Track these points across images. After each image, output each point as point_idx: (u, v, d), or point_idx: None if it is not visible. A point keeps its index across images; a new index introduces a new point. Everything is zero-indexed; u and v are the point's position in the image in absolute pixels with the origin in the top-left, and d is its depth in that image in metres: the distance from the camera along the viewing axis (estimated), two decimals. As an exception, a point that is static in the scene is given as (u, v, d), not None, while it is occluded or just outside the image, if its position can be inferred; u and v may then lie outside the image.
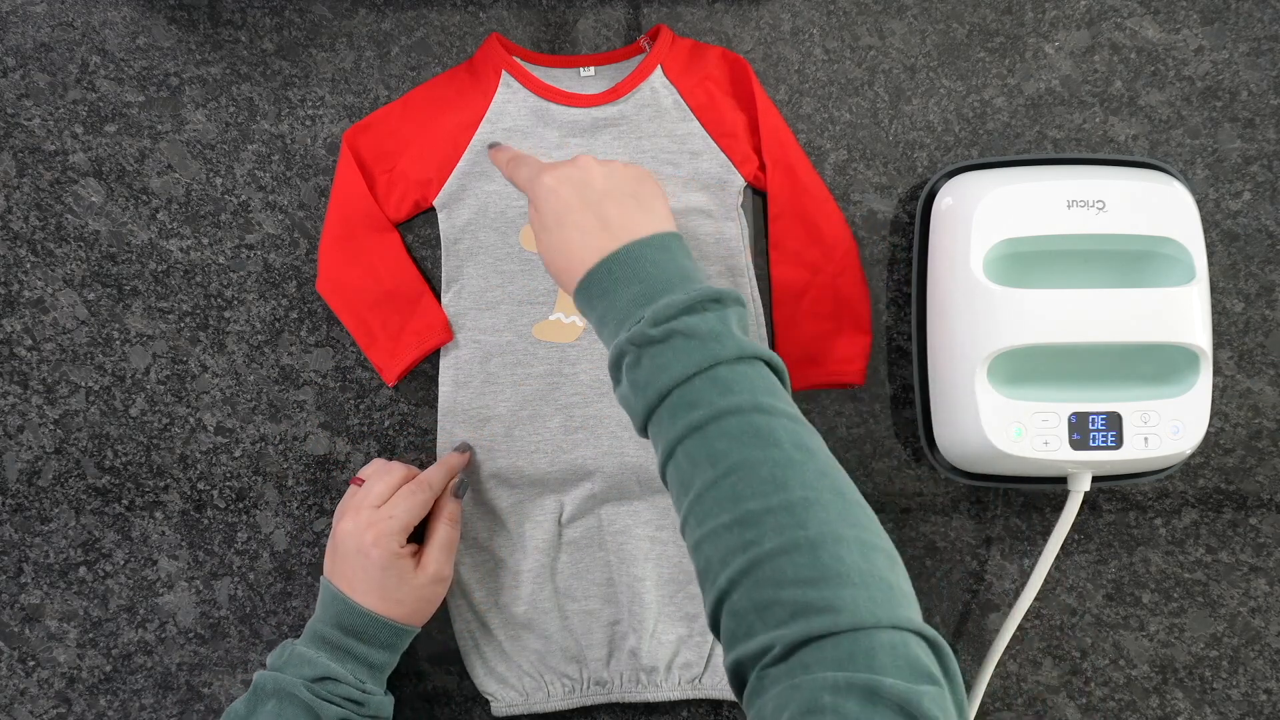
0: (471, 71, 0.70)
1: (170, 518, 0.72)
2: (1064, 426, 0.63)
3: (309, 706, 0.60)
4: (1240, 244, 0.70)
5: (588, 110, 0.69)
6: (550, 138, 0.69)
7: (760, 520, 0.47)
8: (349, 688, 0.61)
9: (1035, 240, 0.63)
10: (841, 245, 0.69)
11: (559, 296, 0.69)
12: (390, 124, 0.70)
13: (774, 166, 0.69)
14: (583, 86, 0.70)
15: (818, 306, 0.69)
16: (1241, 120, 0.70)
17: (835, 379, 0.69)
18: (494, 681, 0.69)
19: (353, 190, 0.69)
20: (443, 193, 0.69)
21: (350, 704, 0.61)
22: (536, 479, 0.69)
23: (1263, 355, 0.71)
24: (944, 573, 0.72)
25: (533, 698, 0.69)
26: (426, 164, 0.69)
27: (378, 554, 0.62)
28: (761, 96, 0.69)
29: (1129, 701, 0.72)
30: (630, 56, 0.70)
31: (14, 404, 0.72)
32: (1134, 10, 0.70)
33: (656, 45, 0.69)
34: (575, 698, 0.69)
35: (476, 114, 0.69)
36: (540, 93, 0.69)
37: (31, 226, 0.71)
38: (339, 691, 0.61)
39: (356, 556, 0.62)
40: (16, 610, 0.72)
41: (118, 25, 0.71)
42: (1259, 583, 0.71)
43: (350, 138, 0.70)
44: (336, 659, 0.62)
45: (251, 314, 0.71)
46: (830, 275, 0.69)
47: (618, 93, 0.69)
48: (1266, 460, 0.71)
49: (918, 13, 0.70)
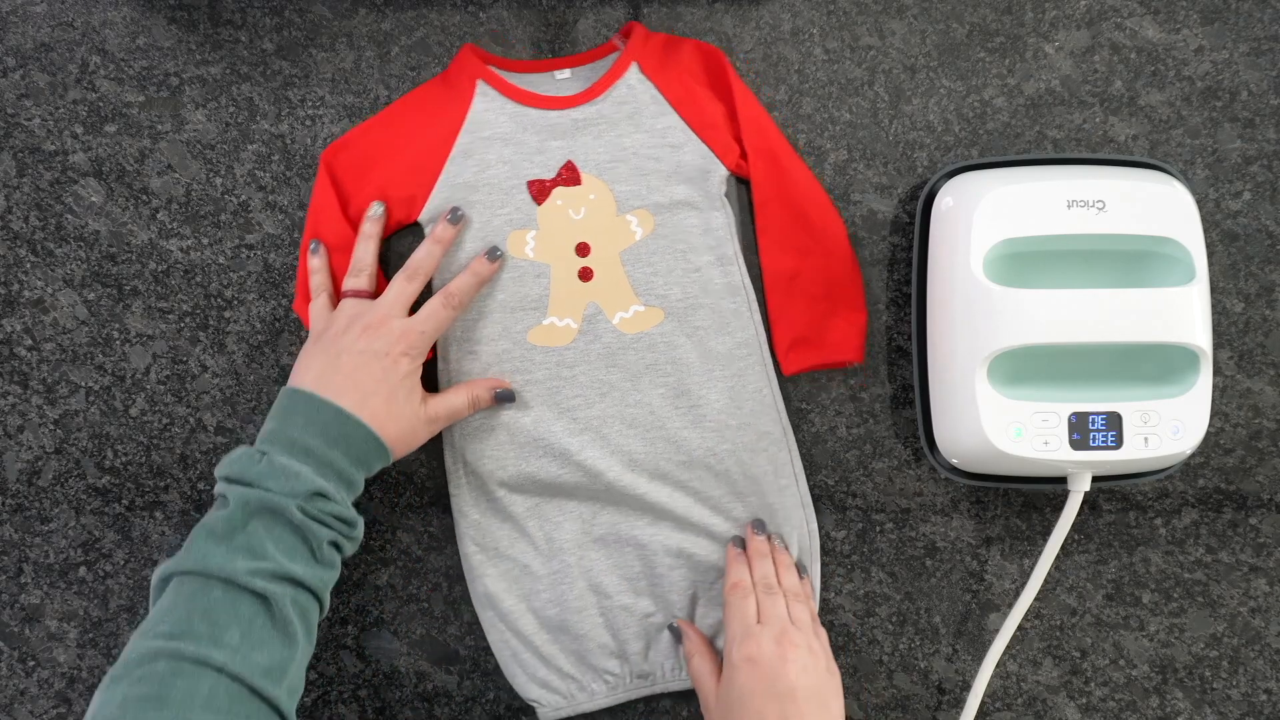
0: (446, 83, 0.70)
1: (170, 518, 0.72)
2: (1064, 426, 0.63)
3: (299, 528, 0.55)
4: (1240, 244, 0.70)
5: (566, 112, 0.69)
6: (530, 142, 0.69)
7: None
8: (337, 505, 0.57)
9: (1035, 240, 0.63)
10: (829, 225, 0.69)
11: (551, 300, 0.69)
12: (368, 141, 0.70)
13: (755, 154, 0.69)
14: (559, 89, 0.70)
15: (811, 289, 0.69)
16: (1241, 120, 0.70)
17: (834, 359, 0.69)
18: (536, 687, 0.69)
19: (327, 213, 0.69)
20: (427, 209, 0.69)
21: (339, 523, 0.58)
22: (549, 484, 0.69)
23: (1263, 355, 0.71)
24: (944, 573, 0.72)
25: (576, 699, 0.69)
26: (408, 180, 0.69)
27: (406, 363, 0.62)
28: (738, 85, 0.69)
29: (1129, 701, 0.72)
30: (604, 55, 0.70)
31: (14, 404, 0.72)
32: (1134, 10, 0.70)
33: (630, 42, 0.69)
34: (619, 693, 0.70)
35: (454, 125, 0.69)
36: (517, 98, 0.69)
37: (31, 226, 0.71)
38: (328, 509, 0.57)
39: (380, 360, 0.61)
40: (16, 610, 0.72)
41: (118, 25, 0.71)
42: (1259, 583, 0.71)
43: (328, 157, 0.69)
44: (321, 473, 0.57)
45: (251, 314, 0.71)
46: (820, 257, 0.69)
47: (594, 92, 0.69)
48: (1266, 460, 0.71)
49: (918, 13, 0.70)
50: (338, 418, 0.59)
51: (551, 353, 0.69)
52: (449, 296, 0.65)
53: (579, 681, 0.69)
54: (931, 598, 0.72)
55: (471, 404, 0.67)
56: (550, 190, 0.69)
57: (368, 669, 0.72)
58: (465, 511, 0.70)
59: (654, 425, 0.68)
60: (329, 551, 0.57)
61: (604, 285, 0.69)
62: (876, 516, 0.71)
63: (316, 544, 0.56)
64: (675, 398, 0.69)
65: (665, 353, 0.69)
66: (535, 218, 0.69)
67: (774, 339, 0.70)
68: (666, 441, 0.68)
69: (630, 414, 0.69)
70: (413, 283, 0.65)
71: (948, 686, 0.72)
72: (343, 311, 0.64)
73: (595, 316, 0.69)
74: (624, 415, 0.69)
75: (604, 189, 0.69)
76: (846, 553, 0.71)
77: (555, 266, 0.69)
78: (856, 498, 0.71)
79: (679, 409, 0.69)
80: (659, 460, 0.69)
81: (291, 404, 0.60)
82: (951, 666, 0.72)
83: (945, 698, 0.72)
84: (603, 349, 0.69)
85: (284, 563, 0.55)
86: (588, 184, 0.69)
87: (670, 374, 0.69)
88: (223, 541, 0.55)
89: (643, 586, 0.70)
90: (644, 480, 0.69)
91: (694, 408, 0.69)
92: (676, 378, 0.69)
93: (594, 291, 0.69)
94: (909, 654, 0.72)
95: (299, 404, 0.59)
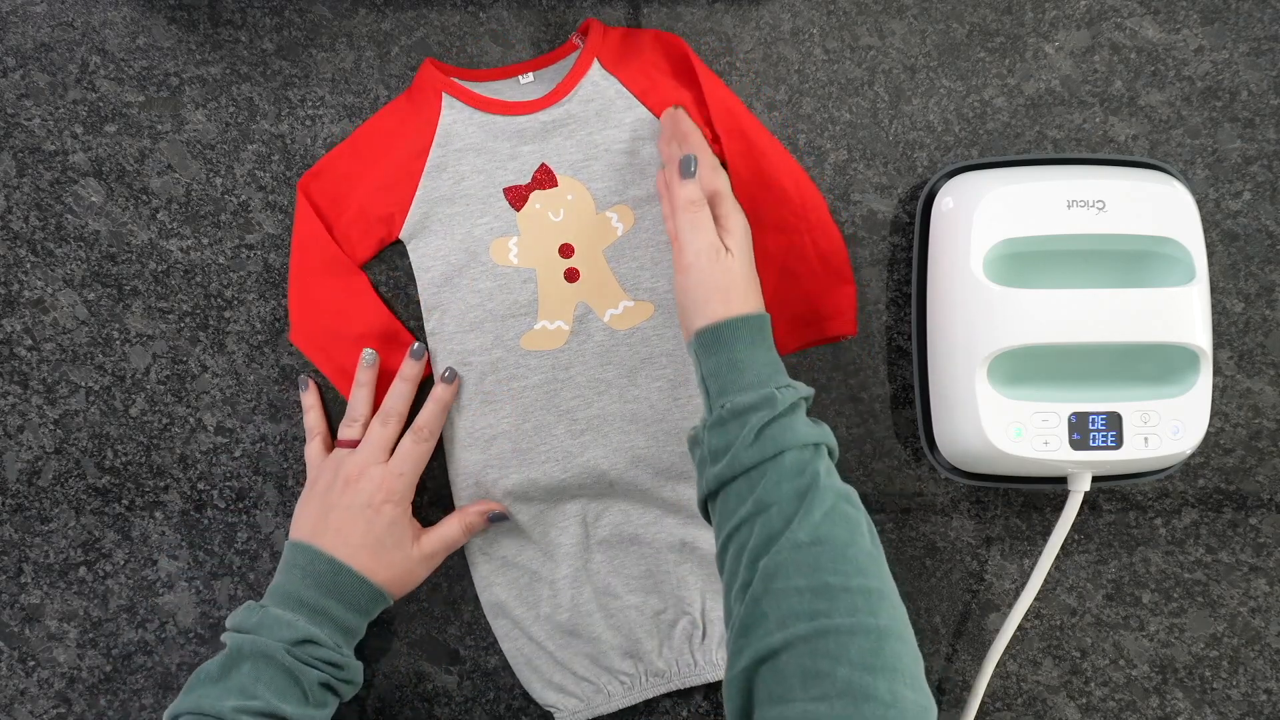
0: (411, 100, 0.70)
1: (170, 518, 0.72)
2: (1064, 426, 0.63)
3: (289, 670, 0.59)
4: (1240, 244, 0.70)
5: (534, 116, 0.69)
6: (502, 149, 0.69)
7: (836, 596, 0.48)
8: (328, 650, 0.61)
9: (1035, 240, 0.63)
10: (809, 200, 0.69)
11: (541, 304, 0.69)
12: (341, 166, 0.70)
13: (727, 135, 0.69)
14: (524, 94, 0.70)
15: (798, 265, 0.69)
16: (1241, 120, 0.70)
17: (828, 333, 0.69)
18: (553, 692, 0.69)
19: (312, 238, 0.69)
20: (406, 225, 0.69)
21: (330, 667, 0.61)
22: (553, 488, 0.69)
23: (1263, 355, 0.71)
24: (944, 573, 0.72)
25: (593, 701, 0.69)
26: (384, 200, 0.69)
27: (390, 510, 0.64)
28: (703, 70, 0.69)
29: (1129, 701, 0.72)
30: (565, 55, 0.70)
31: (14, 404, 0.72)
32: (1134, 10, 0.70)
33: (589, 40, 0.69)
34: (635, 693, 0.70)
35: (425, 140, 0.69)
36: (484, 107, 0.69)
37: (31, 226, 0.71)
38: (319, 655, 0.60)
39: (363, 512, 0.63)
40: (16, 610, 0.72)
41: (118, 25, 0.71)
42: (1259, 583, 0.71)
43: (304, 185, 0.69)
44: (314, 622, 0.61)
45: (251, 314, 0.71)
46: (804, 233, 0.69)
47: (560, 93, 0.69)
48: (1266, 460, 0.71)
49: (918, 13, 0.70)
50: (330, 568, 0.62)
51: (546, 356, 0.69)
52: (418, 432, 0.67)
53: (595, 684, 0.69)
54: (931, 598, 0.72)
55: (466, 531, 0.68)
56: (527, 195, 0.69)
57: (367, 669, 0.72)
58: None
59: (654, 419, 0.69)
60: (320, 693, 0.61)
61: (591, 284, 0.69)
62: (876, 516, 0.71)
63: (308, 685, 0.60)
64: (673, 390, 0.69)
65: (659, 346, 0.69)
66: (515, 224, 0.69)
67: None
68: (669, 434, 0.68)
69: (630, 410, 0.69)
70: (387, 427, 0.67)
71: (948, 686, 0.72)
72: (328, 465, 0.67)
73: (586, 316, 0.69)
74: (624, 412, 0.69)
75: (581, 188, 0.69)
76: (846, 553, 0.71)
77: (541, 270, 0.69)
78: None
79: (678, 401, 0.69)
80: (661, 453, 0.69)
81: (292, 557, 0.64)
82: (951, 666, 0.72)
83: (945, 698, 0.72)
84: (596, 348, 0.69)
85: (274, 702, 0.58)
86: (564, 185, 0.69)
87: (666, 366, 0.69)
88: (217, 683, 0.59)
89: (650, 584, 0.70)
90: (648, 476, 0.69)
91: (693, 398, 0.69)
92: (672, 370, 0.69)
93: (582, 291, 0.69)
94: (909, 654, 0.72)
95: (298, 557, 0.63)
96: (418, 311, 0.70)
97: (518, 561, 0.70)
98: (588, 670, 0.69)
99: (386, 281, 0.71)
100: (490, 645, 0.72)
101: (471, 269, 0.69)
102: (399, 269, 0.71)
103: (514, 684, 0.72)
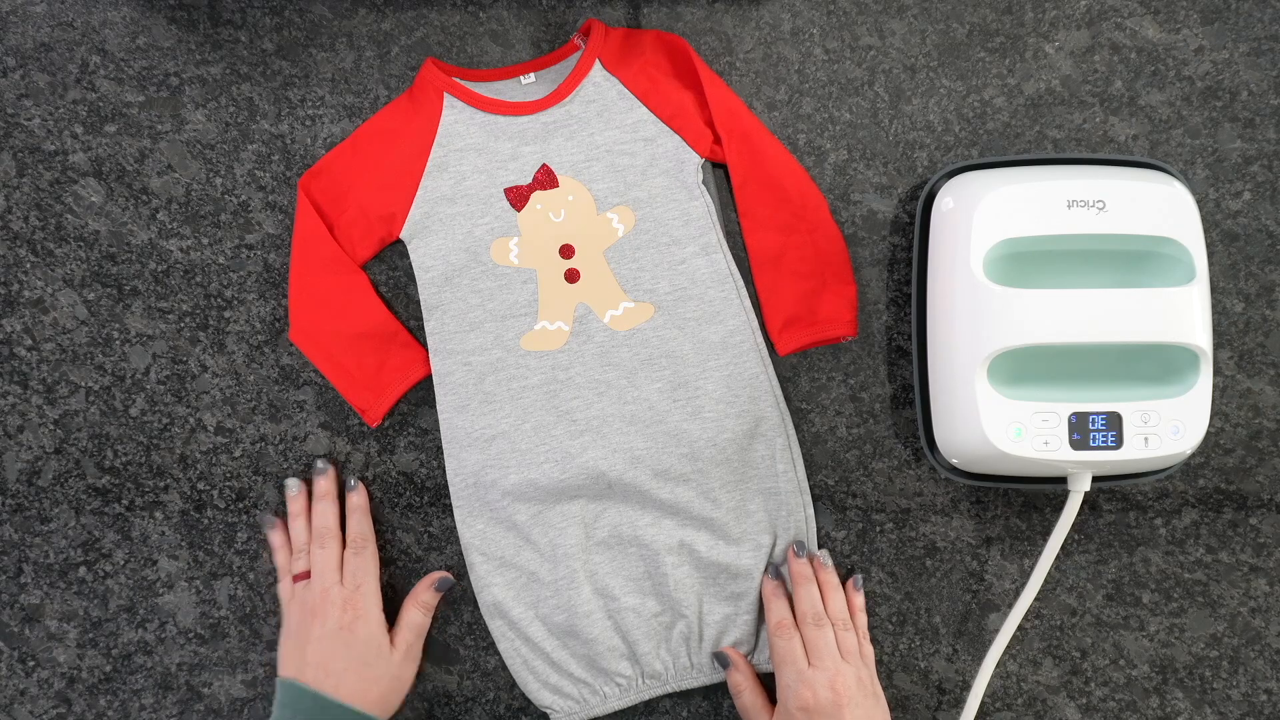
0: (413, 100, 0.70)
1: (170, 518, 0.72)
2: (1064, 426, 0.63)
3: None
4: (1240, 244, 0.70)
5: (535, 116, 0.69)
6: (503, 149, 0.69)
7: None
8: None
9: (1035, 240, 0.63)
10: (810, 200, 0.69)
11: (540, 304, 0.69)
12: (342, 165, 0.70)
13: (729, 137, 0.69)
14: (525, 94, 0.70)
15: (798, 266, 0.69)
16: (1241, 120, 0.70)
17: (828, 334, 0.69)
18: (549, 693, 0.69)
19: (313, 236, 0.69)
20: (408, 225, 0.69)
21: None
22: (552, 489, 0.69)
23: (1263, 355, 0.71)
24: (944, 573, 0.72)
25: (589, 703, 0.69)
26: (385, 199, 0.69)
27: (362, 626, 0.66)
28: (704, 71, 0.69)
29: (1129, 701, 0.72)
30: (566, 56, 0.70)
31: (14, 404, 0.72)
32: (1134, 10, 0.70)
33: (591, 40, 0.69)
34: (631, 695, 0.70)
35: (426, 140, 0.69)
36: (485, 107, 0.69)
37: (31, 226, 0.71)
38: None
39: (337, 636, 0.65)
40: (16, 610, 0.72)
41: (118, 25, 0.71)
42: (1259, 583, 0.71)
43: (305, 184, 0.69)
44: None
45: (251, 314, 0.71)
46: (804, 233, 0.69)
47: (561, 94, 0.69)
48: (1266, 460, 0.71)
49: (918, 13, 0.70)
50: (316, 704, 0.64)
51: (546, 357, 0.69)
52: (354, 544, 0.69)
53: (591, 685, 0.69)
54: (931, 598, 0.72)
55: (424, 610, 0.70)
56: (528, 195, 0.69)
57: (368, 669, 0.72)
58: (469, 522, 0.70)
59: (654, 420, 0.69)
60: None
61: (591, 285, 0.69)
62: (876, 516, 0.71)
63: None
64: (673, 391, 0.69)
65: (659, 347, 0.69)
66: (516, 224, 0.69)
67: (766, 321, 0.70)
68: (668, 435, 0.69)
69: (629, 411, 0.69)
70: (326, 548, 0.68)
71: (948, 686, 0.72)
72: (294, 602, 0.68)
73: (586, 317, 0.69)
74: (623, 413, 0.69)
75: (582, 189, 0.69)
76: (846, 553, 0.71)
77: (541, 271, 0.69)
78: (856, 498, 0.71)
79: (677, 402, 0.69)
80: (661, 454, 0.69)
81: (284, 696, 0.65)
82: (951, 666, 0.72)
83: (945, 698, 0.72)
84: (596, 349, 0.69)
85: None
86: (565, 185, 0.69)
87: (666, 368, 0.69)
88: None
89: (648, 586, 0.70)
90: (647, 477, 0.69)
91: (692, 399, 0.69)
92: (672, 371, 0.69)
93: (582, 292, 0.69)
94: (909, 654, 0.72)
95: (288, 696, 0.65)
96: (418, 311, 0.70)
97: (515, 562, 0.70)
98: (584, 672, 0.69)
99: (386, 281, 0.71)
100: (490, 645, 0.72)
101: (472, 269, 0.69)
102: (399, 269, 0.71)
103: (513, 684, 0.72)
